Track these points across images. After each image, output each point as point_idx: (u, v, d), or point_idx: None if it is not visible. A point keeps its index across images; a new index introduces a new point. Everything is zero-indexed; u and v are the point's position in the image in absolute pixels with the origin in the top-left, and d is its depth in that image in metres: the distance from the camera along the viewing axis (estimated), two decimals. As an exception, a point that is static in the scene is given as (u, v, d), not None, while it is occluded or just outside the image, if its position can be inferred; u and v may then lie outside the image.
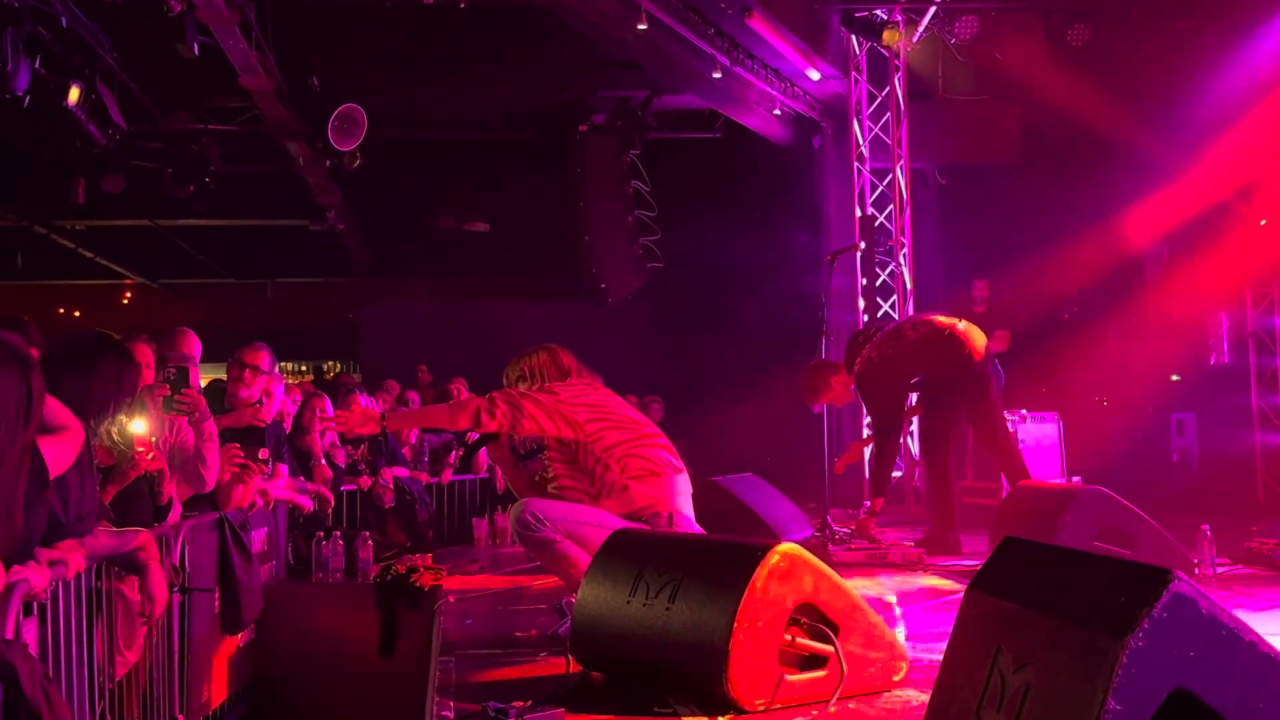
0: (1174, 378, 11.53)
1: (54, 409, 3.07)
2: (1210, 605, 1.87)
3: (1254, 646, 1.89)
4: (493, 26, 11.22)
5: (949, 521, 7.20)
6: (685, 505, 4.92)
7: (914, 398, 7.67)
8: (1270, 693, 1.88)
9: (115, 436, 4.01)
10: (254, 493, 5.77)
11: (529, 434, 4.93)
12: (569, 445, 4.81)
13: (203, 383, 6.09)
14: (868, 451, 10.31)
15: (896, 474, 10.93)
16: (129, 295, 20.45)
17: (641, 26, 9.48)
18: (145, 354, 4.78)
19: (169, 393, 4.79)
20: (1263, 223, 10.30)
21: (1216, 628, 1.86)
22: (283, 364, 11.38)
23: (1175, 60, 10.15)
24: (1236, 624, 1.88)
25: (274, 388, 6.66)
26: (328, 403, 7.64)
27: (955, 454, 7.56)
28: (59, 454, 3.12)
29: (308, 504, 7.00)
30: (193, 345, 5.61)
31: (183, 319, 10.18)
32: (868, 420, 10.64)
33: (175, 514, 4.82)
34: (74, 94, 8.23)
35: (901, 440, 10.47)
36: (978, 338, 7.19)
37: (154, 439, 3.86)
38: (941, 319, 7.26)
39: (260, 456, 5.75)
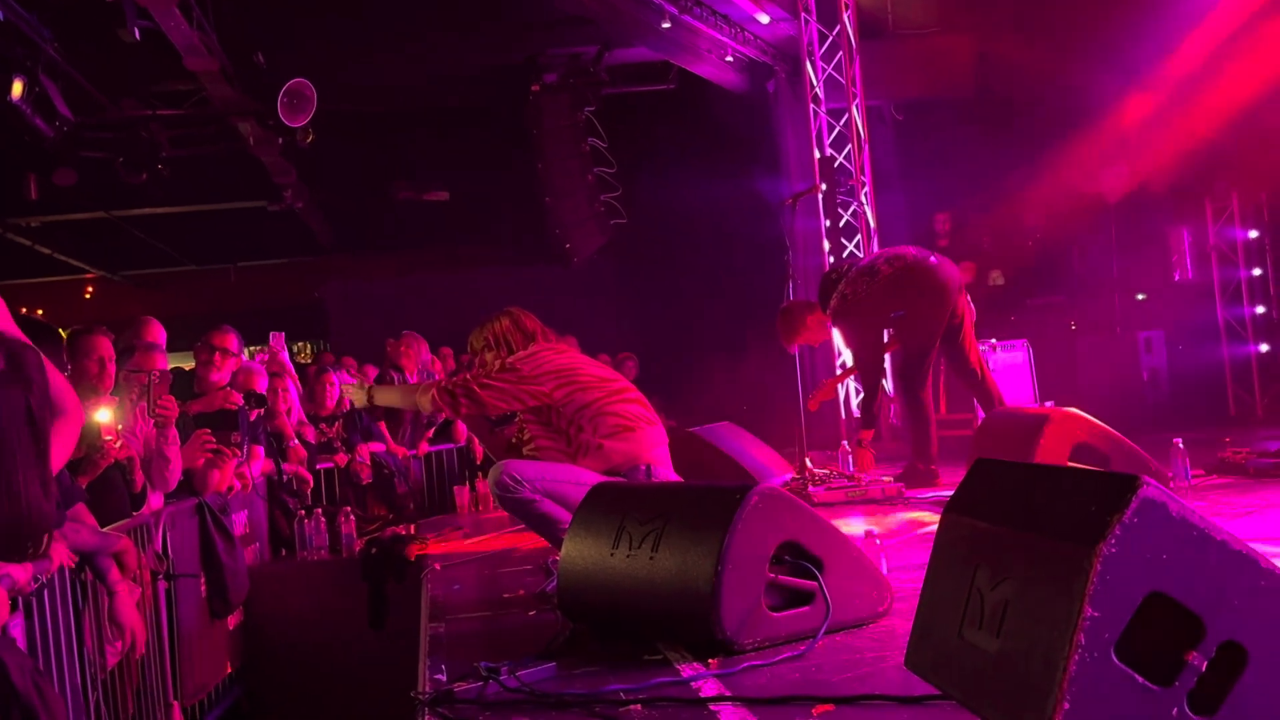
0: (1140, 296, 11.62)
1: (60, 390, 3.05)
2: (1180, 508, 1.89)
3: (1225, 545, 1.91)
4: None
5: (927, 454, 7.26)
6: (663, 456, 4.94)
7: (887, 334, 7.69)
8: (1244, 589, 1.91)
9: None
10: (231, 476, 5.76)
11: (500, 413, 4.96)
12: (542, 409, 4.83)
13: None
14: (841, 389, 10.37)
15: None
16: (91, 290, 20.25)
17: (586, -20, 9.40)
18: (104, 346, 4.75)
19: (149, 396, 4.79)
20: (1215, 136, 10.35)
21: (1187, 529, 1.89)
22: (252, 349, 11.30)
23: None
24: (1207, 524, 1.91)
25: (274, 382, 6.69)
26: (290, 382, 7.61)
27: (932, 388, 7.60)
28: (63, 442, 3.11)
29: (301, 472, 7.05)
30: (156, 334, 5.58)
31: (147, 310, 10.08)
32: (840, 360, 10.71)
33: (154, 502, 4.80)
34: (17, 88, 8.11)
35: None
36: (951, 270, 7.22)
37: (119, 427, 3.83)
38: (914, 252, 7.28)
39: (233, 440, 5.73)
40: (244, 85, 10.16)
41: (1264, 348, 10.88)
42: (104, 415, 3.48)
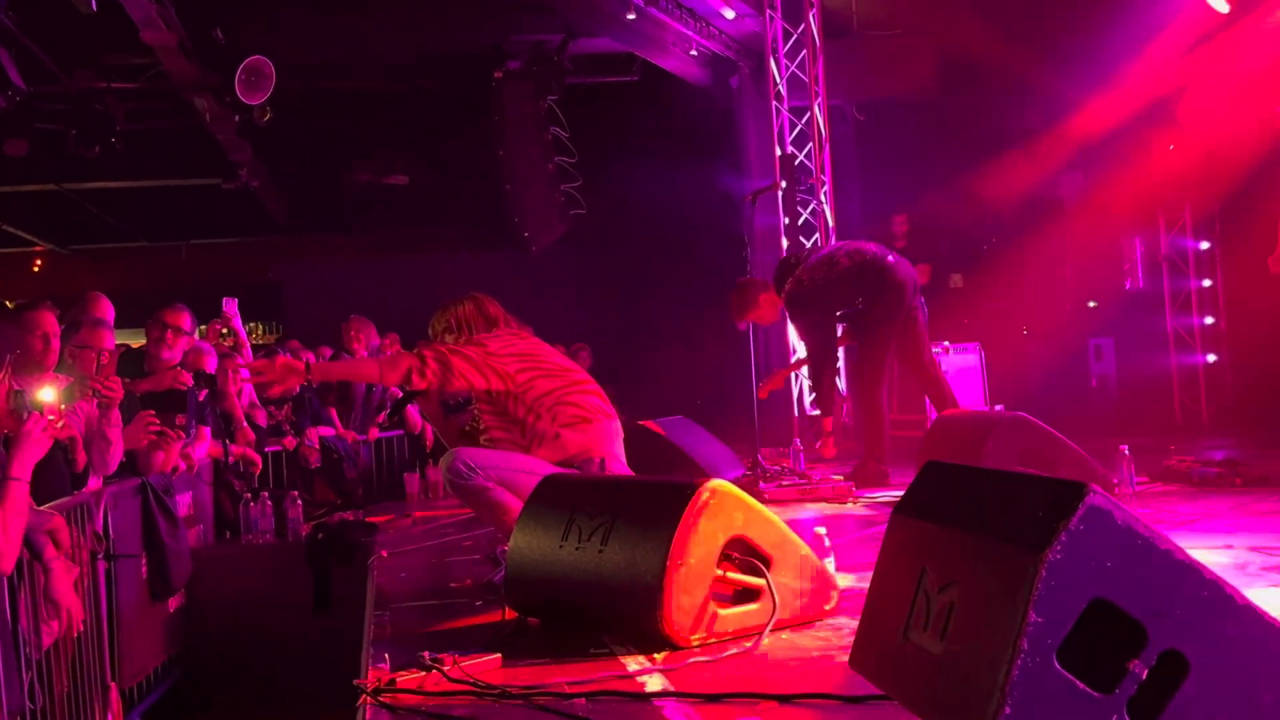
0: (1091, 304, 11.75)
1: None
2: (1125, 516, 1.90)
3: (1169, 555, 1.93)
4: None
5: (879, 454, 7.30)
6: (618, 450, 4.92)
7: (840, 329, 7.73)
8: (1186, 599, 1.92)
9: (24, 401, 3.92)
10: (176, 457, 5.69)
11: (459, 390, 4.87)
12: (499, 396, 4.76)
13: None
14: (794, 384, 10.41)
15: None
16: (40, 263, 19.93)
17: (553, -32, 9.36)
18: (49, 321, 4.67)
19: (95, 375, 4.72)
20: (1170, 147, 10.48)
21: (1132, 538, 1.90)
22: (203, 328, 11.16)
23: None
24: (1151, 534, 1.92)
25: (225, 362, 6.61)
26: (242, 361, 7.52)
27: (885, 387, 7.64)
28: None
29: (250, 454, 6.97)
30: (104, 309, 5.49)
31: (97, 285, 9.91)
32: (795, 357, 10.74)
33: (95, 482, 4.73)
34: (-32, 56, 7.96)
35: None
36: (908, 270, 7.26)
37: (63, 406, 3.77)
38: (874, 249, 7.33)
39: (177, 422, 5.65)
40: (202, 61, 10.02)
41: (1211, 358, 11.03)
42: (47, 394, 3.41)
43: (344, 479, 8.07)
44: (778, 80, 11.37)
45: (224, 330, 7.80)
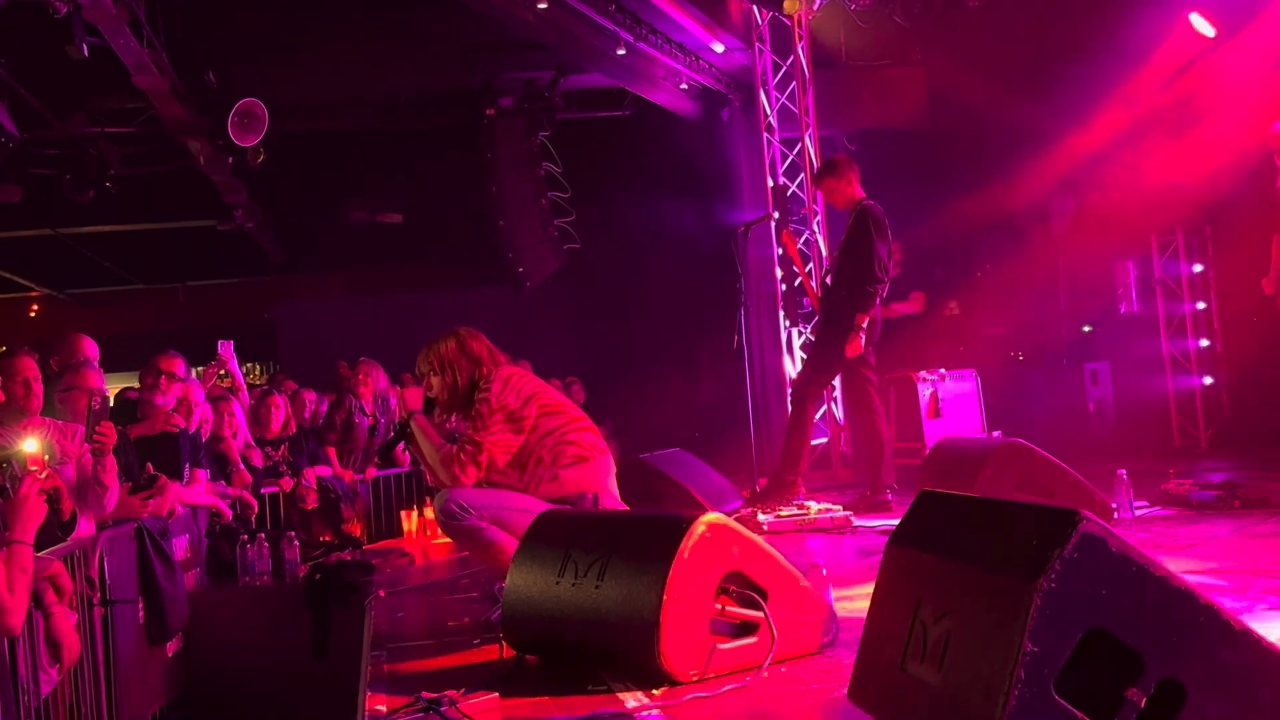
0: (1086, 328, 11.76)
1: None
2: (1120, 543, 1.90)
3: (1164, 582, 1.92)
4: (391, 10, 11.07)
5: (878, 482, 7.30)
6: (611, 485, 4.91)
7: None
8: (1182, 626, 1.92)
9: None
10: (172, 501, 5.67)
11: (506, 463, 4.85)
12: None
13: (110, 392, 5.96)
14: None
15: (822, 440, 11.04)
16: (36, 308, 19.94)
17: (542, 5, 9.41)
18: (29, 367, 4.67)
19: (88, 422, 4.71)
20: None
21: (1126, 565, 1.89)
22: (199, 368, 11.14)
23: (1072, 14, 10.30)
24: (1146, 561, 1.91)
25: (193, 395, 6.56)
26: (237, 405, 7.51)
27: (882, 415, 7.65)
28: None
29: (228, 511, 6.89)
30: (88, 349, 5.48)
31: (93, 329, 9.92)
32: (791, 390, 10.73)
33: (84, 529, 4.70)
34: (-39, 104, 8.00)
35: (825, 406, 10.60)
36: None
37: (46, 457, 3.74)
38: None
39: (159, 482, 5.62)
40: (194, 104, 10.07)
41: (1208, 380, 11.03)
42: (30, 445, 3.39)
43: (342, 518, 8.03)
44: (768, 112, 11.43)
45: (221, 373, 7.80)
